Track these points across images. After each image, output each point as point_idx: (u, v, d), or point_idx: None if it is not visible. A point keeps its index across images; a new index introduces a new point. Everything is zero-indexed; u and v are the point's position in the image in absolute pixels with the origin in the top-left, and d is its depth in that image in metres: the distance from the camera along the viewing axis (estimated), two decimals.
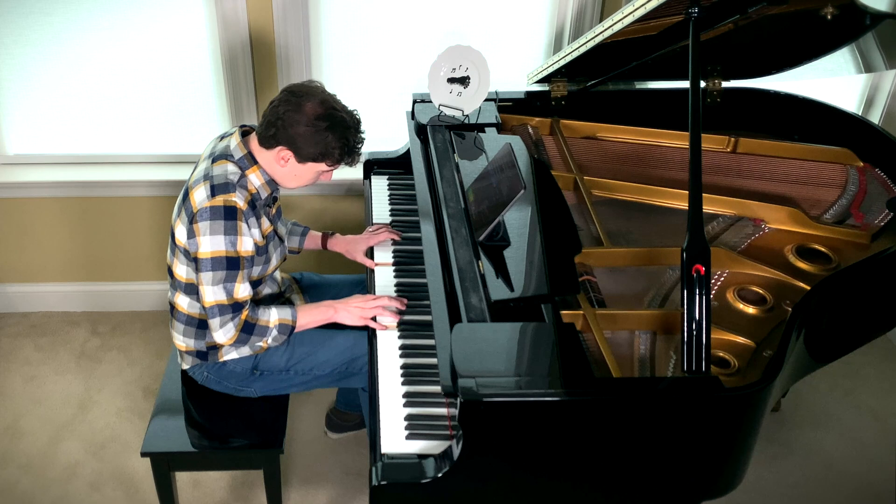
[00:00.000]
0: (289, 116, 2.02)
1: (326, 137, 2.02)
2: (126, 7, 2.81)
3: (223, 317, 2.10)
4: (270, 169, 2.12)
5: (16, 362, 3.12)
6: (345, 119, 2.05)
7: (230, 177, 2.06)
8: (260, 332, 2.15)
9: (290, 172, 2.11)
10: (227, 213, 2.03)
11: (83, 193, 3.08)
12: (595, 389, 1.64)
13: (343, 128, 2.04)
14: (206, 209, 2.03)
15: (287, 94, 2.05)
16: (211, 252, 2.04)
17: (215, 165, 2.09)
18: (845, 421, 2.95)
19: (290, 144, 2.04)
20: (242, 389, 2.28)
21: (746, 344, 1.89)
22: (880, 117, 3.14)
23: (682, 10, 2.12)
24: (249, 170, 2.10)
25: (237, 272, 2.07)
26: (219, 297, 2.08)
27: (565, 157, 2.51)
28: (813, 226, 2.26)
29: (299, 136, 2.03)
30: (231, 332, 2.11)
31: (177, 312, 2.23)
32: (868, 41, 2.38)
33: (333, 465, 2.72)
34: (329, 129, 2.02)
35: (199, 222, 2.03)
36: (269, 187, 2.15)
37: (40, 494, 2.62)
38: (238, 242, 2.05)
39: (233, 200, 2.03)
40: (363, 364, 2.24)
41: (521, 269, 1.92)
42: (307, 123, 2.01)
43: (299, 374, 2.26)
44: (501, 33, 2.94)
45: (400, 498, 1.67)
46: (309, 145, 2.04)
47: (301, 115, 2.01)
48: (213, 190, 2.04)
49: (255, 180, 2.11)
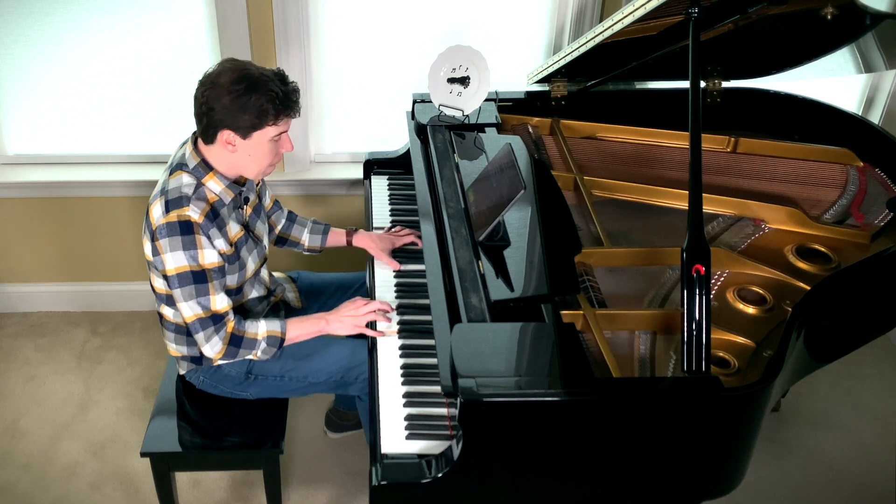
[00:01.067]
0: (209, 98, 1.94)
1: (251, 98, 1.92)
2: (126, 7, 2.81)
3: (206, 331, 2.07)
4: (226, 166, 2.04)
5: (16, 362, 3.12)
6: (263, 75, 1.95)
7: (184, 190, 2.00)
8: (248, 345, 2.12)
9: (243, 155, 2.01)
10: (182, 229, 1.98)
11: (83, 193, 3.08)
12: (595, 389, 1.64)
13: (263, 82, 1.94)
14: (163, 226, 1.98)
15: (201, 81, 1.99)
16: (175, 269, 2.01)
17: (171, 178, 2.03)
18: (845, 421, 2.95)
19: (224, 125, 1.96)
20: (238, 393, 2.28)
21: (746, 344, 1.89)
22: (880, 117, 3.14)
23: (682, 11, 2.12)
24: (206, 177, 2.04)
25: (206, 285, 2.03)
26: (196, 312, 2.05)
27: (565, 157, 2.51)
28: (813, 226, 2.26)
29: (227, 111, 1.94)
30: (218, 345, 2.09)
31: (165, 321, 2.22)
32: (868, 41, 2.38)
33: (333, 465, 2.72)
34: (250, 90, 1.92)
35: (159, 240, 2.00)
36: (231, 191, 2.08)
37: (40, 494, 2.62)
38: (199, 256, 2.00)
39: (186, 215, 1.98)
40: (360, 374, 2.22)
41: (521, 269, 1.92)
42: (227, 93, 1.92)
43: (294, 380, 2.24)
44: (501, 33, 2.94)
45: (400, 498, 1.67)
46: (241, 114, 1.94)
47: (219, 90, 1.93)
48: (168, 206, 1.98)
49: (214, 187, 2.05)
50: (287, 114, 2.00)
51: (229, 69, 1.96)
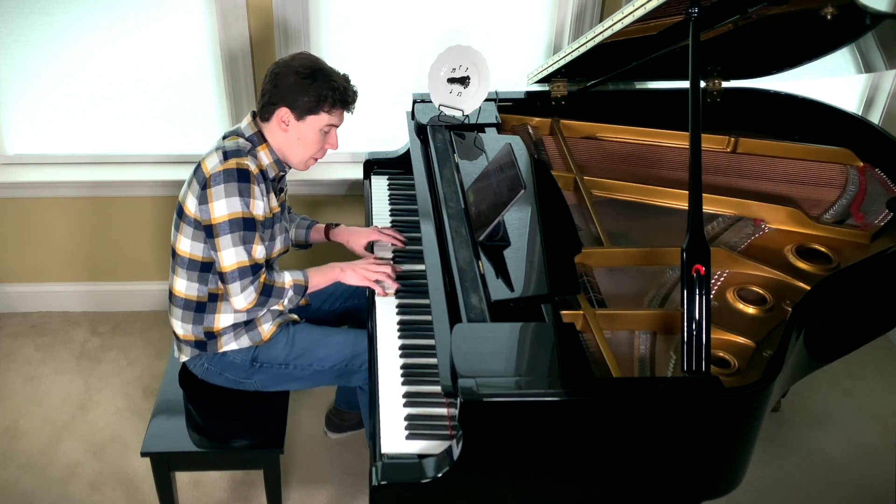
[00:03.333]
0: (277, 76, 2.11)
1: (314, 83, 2.09)
2: (126, 7, 2.81)
3: (243, 280, 2.12)
4: (277, 143, 2.17)
5: (16, 362, 3.13)
6: (331, 69, 2.14)
7: (242, 146, 2.13)
8: (277, 294, 2.19)
9: (293, 137, 2.16)
10: (240, 176, 2.08)
11: (83, 193, 3.09)
12: (595, 389, 1.64)
13: (328, 73, 2.12)
14: (219, 173, 2.07)
15: (275, 63, 2.16)
16: (228, 214, 2.08)
17: (227, 140, 2.16)
18: (845, 421, 2.95)
19: (283, 101, 2.11)
20: (242, 382, 2.29)
21: (746, 344, 1.89)
22: (880, 117, 3.14)
23: (682, 11, 2.12)
24: (259, 147, 2.17)
25: (254, 233, 2.11)
26: (241, 258, 2.10)
27: (565, 157, 2.51)
28: (813, 226, 2.26)
29: (289, 89, 2.09)
30: (252, 294, 2.14)
31: (175, 298, 2.24)
32: (868, 41, 2.38)
33: (333, 465, 2.72)
34: (315, 75, 2.10)
35: (212, 187, 2.07)
36: (276, 167, 2.20)
37: (40, 494, 2.62)
38: (251, 205, 2.10)
39: (245, 164, 2.09)
40: (363, 362, 2.25)
41: (520, 269, 1.92)
42: (294, 74, 2.09)
43: (298, 368, 2.27)
44: (501, 33, 2.95)
45: (400, 498, 1.67)
46: (301, 95, 2.10)
47: (288, 70, 2.10)
48: (226, 155, 2.09)
49: (263, 158, 2.18)
50: (343, 107, 2.16)
51: (304, 57, 2.15)
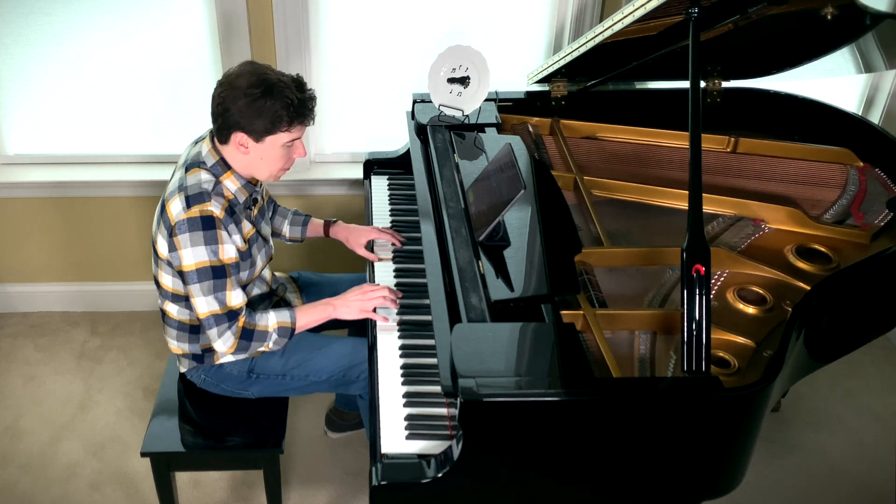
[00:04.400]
0: (225, 99, 1.97)
1: (266, 103, 1.95)
2: (126, 7, 2.81)
3: (219, 326, 2.07)
4: (240, 166, 2.07)
5: (16, 362, 3.12)
6: (280, 80, 1.98)
7: (204, 186, 2.02)
8: (259, 338, 2.13)
9: (255, 158, 2.04)
10: (205, 224, 1.99)
11: (83, 193, 3.08)
12: (595, 389, 1.64)
13: (280, 88, 1.96)
14: (183, 221, 1.99)
15: (219, 82, 2.01)
16: (195, 264, 2.01)
17: (189, 175, 2.05)
18: (845, 421, 2.95)
19: (238, 126, 1.98)
20: (240, 392, 2.28)
21: (746, 344, 1.89)
22: (880, 117, 3.14)
23: (682, 11, 2.12)
24: (224, 176, 2.06)
25: (225, 280, 2.04)
26: (212, 308, 2.05)
27: (565, 157, 2.51)
28: (813, 226, 2.26)
29: (242, 114, 1.96)
30: (230, 340, 2.09)
31: (168, 318, 2.22)
32: (868, 41, 2.38)
33: (333, 465, 2.72)
34: (266, 94, 1.95)
35: (178, 235, 2.00)
36: (246, 190, 2.11)
37: (40, 494, 2.62)
38: (220, 251, 2.02)
39: (209, 210, 1.99)
40: (361, 372, 2.23)
41: (520, 269, 1.92)
42: (244, 96, 1.95)
43: (296, 379, 2.25)
44: (501, 33, 2.94)
45: (400, 498, 1.67)
46: (255, 118, 1.97)
47: (236, 92, 1.96)
48: (189, 201, 2.00)
49: (230, 185, 2.07)
50: (301, 121, 2.03)
51: (248, 72, 1.98)
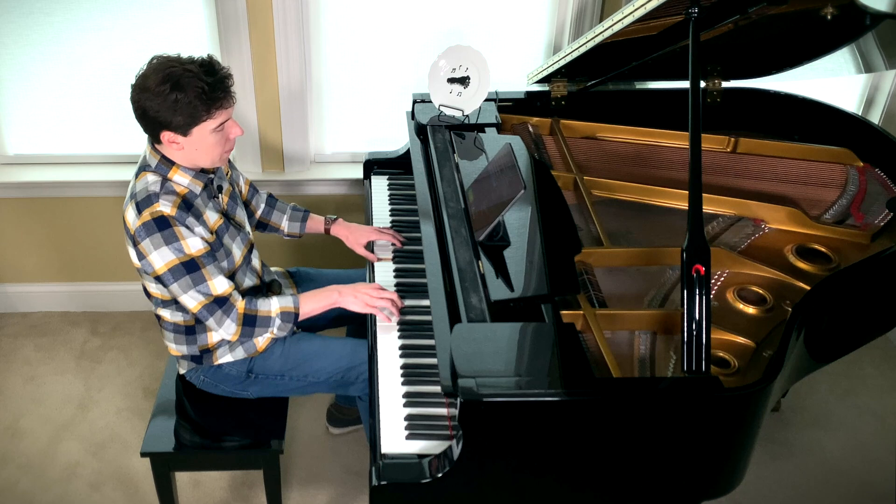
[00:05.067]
0: (142, 103, 1.93)
1: (178, 96, 1.90)
2: (126, 7, 2.81)
3: (214, 315, 2.06)
4: (184, 160, 2.03)
5: (16, 362, 3.13)
6: (185, 69, 1.91)
7: (151, 188, 2.00)
8: (263, 324, 2.12)
9: (191, 150, 2.00)
10: (159, 225, 1.97)
11: (83, 193, 3.08)
12: (595, 389, 1.64)
13: (188, 77, 1.91)
14: (140, 228, 1.98)
15: (132, 86, 1.97)
16: (165, 265, 2.00)
17: (137, 181, 2.04)
18: (845, 421, 2.95)
19: (161, 126, 1.95)
20: (239, 392, 2.28)
21: (746, 344, 1.89)
22: (880, 117, 3.14)
23: (681, 11, 2.12)
24: (170, 172, 2.03)
25: (200, 272, 2.02)
26: (198, 300, 2.04)
27: (565, 157, 2.51)
28: (813, 226, 2.26)
29: (160, 113, 1.92)
30: (232, 327, 2.08)
31: (163, 322, 2.22)
32: (868, 41, 2.38)
33: (333, 465, 2.72)
34: (175, 88, 1.90)
35: (140, 243, 2.00)
36: (199, 180, 2.06)
37: (40, 494, 2.62)
38: (184, 246, 1.99)
39: (158, 211, 1.97)
40: (360, 374, 2.23)
41: (520, 269, 1.92)
42: (156, 96, 1.90)
43: (294, 379, 2.25)
44: (501, 33, 2.94)
45: (400, 498, 1.67)
46: (174, 114, 1.92)
47: (147, 93, 1.91)
48: (139, 207, 1.99)
49: (180, 180, 2.04)
50: (219, 105, 1.97)
51: (154, 69, 1.93)
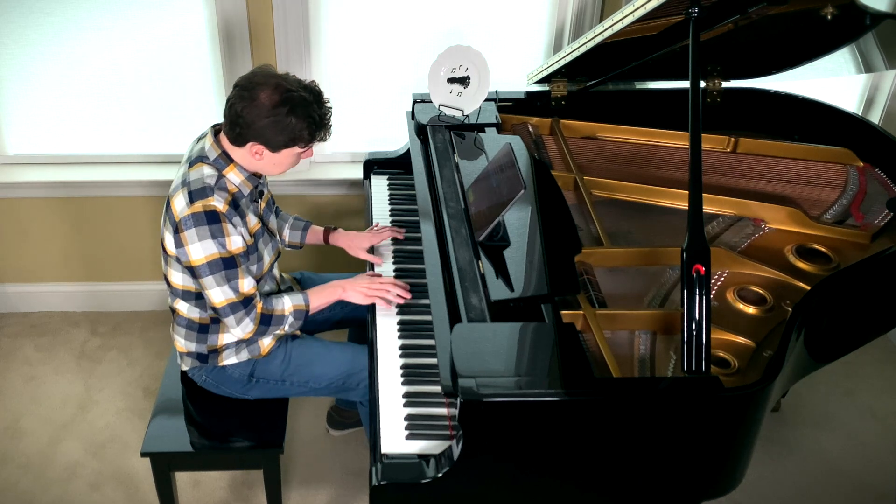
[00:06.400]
0: (247, 113, 1.97)
1: (290, 122, 1.97)
2: (126, 7, 2.81)
3: (237, 314, 2.09)
4: (248, 164, 2.08)
5: (16, 362, 3.13)
6: (304, 98, 1.98)
7: (207, 181, 2.03)
8: (277, 322, 2.17)
9: (268, 163, 2.07)
10: (209, 218, 2.00)
11: (83, 193, 3.08)
12: (595, 389, 1.64)
13: (304, 106, 1.98)
14: (188, 217, 2.00)
15: (239, 89, 1.99)
16: (205, 257, 2.02)
17: (192, 170, 2.06)
18: (845, 421, 2.95)
19: (258, 139, 2.00)
20: (240, 394, 2.29)
21: (746, 344, 1.89)
22: (880, 117, 3.14)
23: (682, 11, 2.12)
24: (226, 169, 2.07)
25: (236, 269, 2.06)
26: (228, 296, 2.07)
27: (565, 157, 2.51)
28: (813, 226, 2.26)
29: (264, 129, 1.98)
30: (249, 326, 2.12)
31: (178, 317, 2.23)
32: (868, 41, 2.38)
33: (333, 465, 2.72)
34: (290, 114, 1.96)
35: (184, 231, 2.01)
36: (250, 183, 2.11)
37: (40, 494, 2.62)
38: (227, 243, 2.03)
39: (212, 205, 2.00)
40: (360, 380, 2.24)
41: (520, 269, 1.92)
42: (267, 115, 1.96)
43: (295, 384, 2.26)
44: (501, 33, 2.94)
45: (400, 498, 1.67)
46: (276, 134, 1.99)
47: (259, 108, 1.96)
48: (191, 196, 2.01)
49: (234, 178, 2.08)
50: (321, 137, 2.07)
51: (271, 86, 1.97)
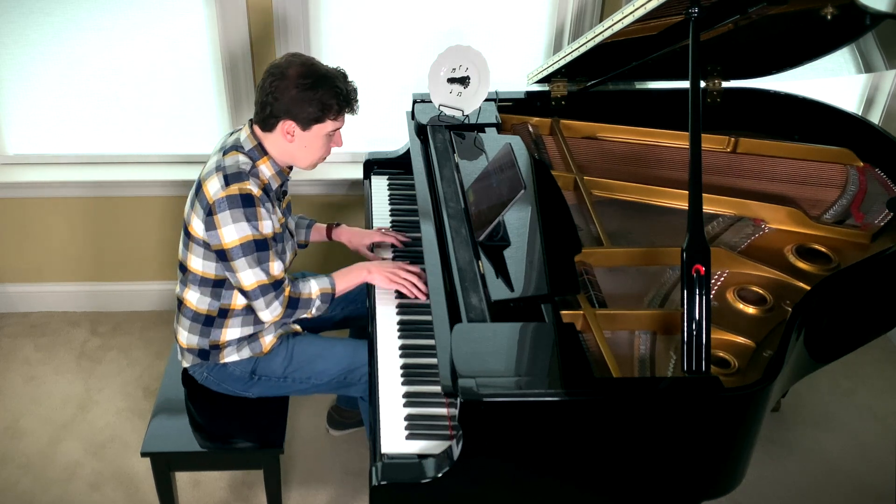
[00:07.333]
0: (276, 88, 2.04)
1: (317, 93, 2.04)
2: (126, 7, 2.81)
3: (266, 296, 2.11)
4: (280, 153, 2.13)
5: (16, 362, 3.13)
6: (329, 71, 2.08)
7: (242, 166, 2.08)
8: (304, 305, 2.19)
9: (299, 146, 2.11)
10: (244, 201, 2.04)
11: (82, 193, 3.09)
12: (595, 389, 1.64)
13: (330, 78, 2.06)
14: (222, 199, 2.04)
15: (269, 72, 2.08)
16: (239, 239, 2.05)
17: (226, 157, 2.10)
18: (845, 421, 2.95)
19: (287, 114, 2.06)
20: (240, 392, 2.29)
21: (746, 344, 1.89)
22: (880, 117, 3.14)
23: (682, 11, 2.12)
24: (260, 160, 2.12)
25: (268, 252, 2.09)
26: (260, 278, 2.09)
27: (565, 157, 2.51)
28: (813, 226, 2.26)
29: (293, 102, 2.04)
30: (278, 309, 2.14)
31: (184, 308, 2.23)
32: (868, 41, 2.38)
33: (333, 465, 2.72)
34: (317, 84, 2.04)
35: (218, 213, 2.04)
36: (279, 178, 2.17)
37: (40, 494, 2.62)
38: (261, 226, 2.07)
39: (248, 188, 2.04)
40: (362, 374, 2.24)
41: (520, 269, 1.92)
42: (295, 86, 2.03)
43: (297, 381, 2.27)
44: (501, 33, 2.95)
45: (400, 498, 1.67)
46: (305, 106, 2.04)
47: (287, 82, 2.03)
48: (227, 179, 2.05)
49: (265, 171, 2.13)
50: (348, 110, 2.12)
51: (298, 63, 2.07)
